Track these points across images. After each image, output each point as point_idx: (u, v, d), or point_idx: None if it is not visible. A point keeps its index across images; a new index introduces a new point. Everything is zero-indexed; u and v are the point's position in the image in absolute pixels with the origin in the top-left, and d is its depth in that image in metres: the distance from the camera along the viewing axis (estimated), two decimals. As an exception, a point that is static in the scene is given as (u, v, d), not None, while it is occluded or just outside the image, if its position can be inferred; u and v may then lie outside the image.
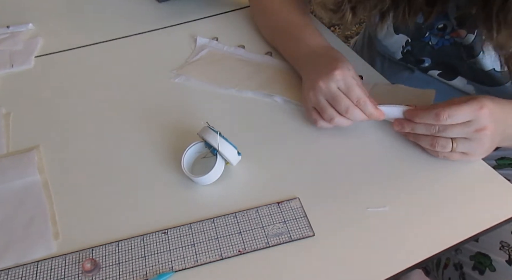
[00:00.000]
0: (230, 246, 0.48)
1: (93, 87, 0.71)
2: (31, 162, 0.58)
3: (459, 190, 0.53)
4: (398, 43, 0.72)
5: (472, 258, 0.62)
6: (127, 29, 0.83)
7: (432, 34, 0.67)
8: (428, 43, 0.68)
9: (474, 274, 0.61)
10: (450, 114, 0.50)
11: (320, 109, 0.57)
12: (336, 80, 0.55)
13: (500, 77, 0.64)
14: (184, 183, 0.55)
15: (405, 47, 0.71)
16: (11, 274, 0.47)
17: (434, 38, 0.67)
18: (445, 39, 0.66)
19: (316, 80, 0.57)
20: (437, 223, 0.50)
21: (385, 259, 0.47)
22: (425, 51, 0.69)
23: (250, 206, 0.52)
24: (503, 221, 0.50)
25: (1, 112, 0.67)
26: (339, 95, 0.55)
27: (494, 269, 0.59)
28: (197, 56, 0.74)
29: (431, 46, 0.68)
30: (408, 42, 0.70)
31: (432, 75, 0.73)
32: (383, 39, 0.73)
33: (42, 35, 0.83)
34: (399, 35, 0.70)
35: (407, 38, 0.70)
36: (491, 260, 0.60)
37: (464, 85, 0.70)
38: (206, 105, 0.66)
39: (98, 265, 0.47)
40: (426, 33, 0.67)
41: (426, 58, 0.70)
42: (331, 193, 0.53)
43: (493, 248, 0.61)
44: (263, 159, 0.58)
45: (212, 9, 0.87)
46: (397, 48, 0.73)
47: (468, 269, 0.62)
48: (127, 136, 0.62)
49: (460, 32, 0.64)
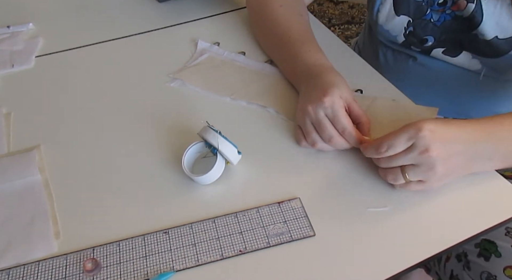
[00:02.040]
0: (231, 246, 0.48)
1: (93, 87, 0.71)
2: (31, 162, 0.58)
3: (459, 190, 0.53)
4: (400, 25, 0.72)
5: (477, 245, 0.62)
6: (127, 29, 0.83)
7: (433, 10, 0.68)
8: (430, 20, 0.69)
9: (479, 261, 0.61)
10: (389, 144, 0.49)
11: (305, 132, 0.57)
12: (324, 108, 0.55)
13: (504, 45, 0.65)
14: (185, 183, 0.55)
15: (407, 29, 0.72)
16: (12, 274, 0.47)
17: (436, 14, 0.68)
18: (446, 14, 0.67)
19: (306, 103, 0.57)
20: (437, 223, 0.50)
21: (386, 258, 0.47)
22: (428, 29, 0.70)
23: (251, 206, 0.52)
24: (503, 221, 0.50)
25: (2, 112, 0.67)
26: (325, 123, 0.55)
27: (500, 255, 0.59)
28: (196, 61, 0.73)
29: (433, 23, 0.69)
30: (410, 22, 0.71)
31: (436, 55, 0.73)
32: (384, 23, 0.74)
33: (42, 35, 0.83)
34: (400, 17, 0.71)
35: (408, 19, 0.71)
36: (496, 246, 0.60)
37: (469, 60, 0.71)
38: (206, 105, 0.66)
39: (99, 265, 0.47)
40: (427, 11, 0.68)
41: (429, 36, 0.71)
42: (332, 193, 0.53)
43: (499, 234, 0.61)
44: (263, 158, 0.58)
45: (213, 9, 0.87)
46: (399, 31, 0.73)
47: (473, 256, 0.62)
48: (127, 136, 0.62)
49: (460, 3, 0.64)
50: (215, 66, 0.72)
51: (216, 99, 0.67)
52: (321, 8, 2.25)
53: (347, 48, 0.76)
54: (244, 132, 0.61)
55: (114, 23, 0.85)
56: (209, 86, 0.69)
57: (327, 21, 2.16)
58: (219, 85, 0.69)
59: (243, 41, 0.78)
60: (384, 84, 0.68)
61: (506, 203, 0.52)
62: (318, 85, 0.58)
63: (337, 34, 2.06)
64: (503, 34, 0.64)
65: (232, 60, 0.73)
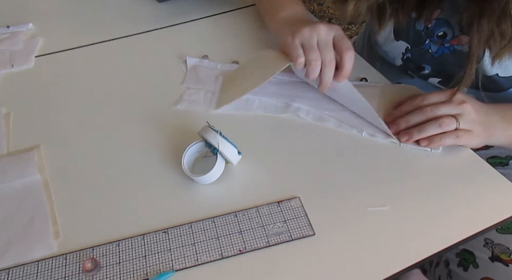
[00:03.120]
0: (231, 245, 0.48)
1: (93, 87, 0.71)
2: (31, 162, 0.58)
3: (458, 189, 0.53)
4: (398, 49, 0.71)
5: (458, 255, 0.63)
6: (127, 29, 0.83)
7: (432, 41, 0.66)
8: (428, 50, 0.68)
9: (459, 271, 0.61)
10: (423, 98, 0.57)
11: (295, 53, 0.57)
12: (318, 34, 0.56)
13: (504, 82, 0.64)
14: (185, 182, 0.55)
15: (405, 54, 0.71)
16: (12, 274, 0.47)
17: (434, 46, 0.67)
18: (445, 47, 0.66)
19: (300, 27, 0.57)
20: (436, 223, 0.50)
21: (385, 258, 0.47)
22: (425, 59, 0.69)
23: (251, 206, 0.52)
24: (503, 220, 0.50)
25: (1, 112, 0.67)
26: (314, 47, 0.56)
27: (478, 266, 0.60)
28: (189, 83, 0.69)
29: (431, 54, 0.68)
30: (408, 49, 0.70)
31: (432, 83, 0.72)
32: (383, 44, 0.73)
33: (42, 35, 0.83)
34: (399, 42, 0.70)
35: (407, 45, 0.70)
36: (475, 256, 0.61)
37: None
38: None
39: (99, 265, 0.47)
40: (426, 41, 0.67)
41: (426, 65, 0.70)
42: (332, 192, 0.53)
43: (478, 245, 0.61)
44: (263, 158, 0.58)
45: (213, 8, 0.87)
46: (397, 54, 0.72)
47: (454, 266, 0.63)
48: (127, 136, 0.62)
49: (461, 38, 0.63)
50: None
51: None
52: (321, 8, 2.25)
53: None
54: (244, 132, 0.61)
55: (114, 23, 0.85)
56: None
57: (327, 21, 2.16)
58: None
59: (242, 41, 0.78)
60: (383, 83, 0.68)
61: (505, 202, 0.52)
62: (308, 21, 0.60)
63: (337, 34, 2.05)
64: (504, 72, 0.62)
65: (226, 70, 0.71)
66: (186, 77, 0.71)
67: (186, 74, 0.71)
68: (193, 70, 0.72)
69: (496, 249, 0.60)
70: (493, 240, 0.61)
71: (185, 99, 0.67)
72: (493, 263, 0.59)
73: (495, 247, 0.60)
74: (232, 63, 0.72)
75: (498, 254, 0.59)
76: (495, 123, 0.57)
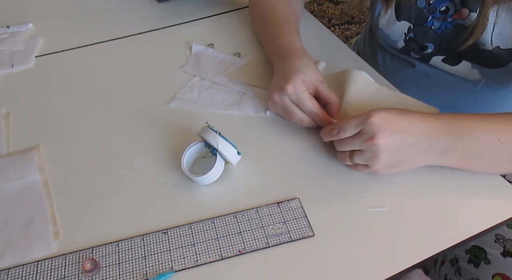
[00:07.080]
0: (230, 246, 0.48)
1: (93, 87, 0.71)
2: (31, 162, 0.58)
3: (458, 190, 0.53)
4: (400, 30, 0.72)
5: (468, 251, 0.62)
6: (127, 29, 0.83)
7: (435, 18, 0.67)
8: (430, 27, 0.68)
9: (469, 268, 0.61)
10: (340, 128, 0.51)
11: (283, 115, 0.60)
12: (288, 95, 0.57)
13: (505, 56, 0.64)
14: (184, 183, 0.55)
15: (408, 34, 0.71)
16: (11, 274, 0.47)
17: (437, 22, 0.67)
18: (447, 22, 0.66)
19: (272, 91, 0.59)
20: (437, 223, 0.50)
21: (385, 259, 0.47)
22: (428, 36, 0.69)
23: (250, 206, 0.52)
24: (502, 221, 0.50)
25: (1, 112, 0.67)
26: (292, 109, 0.58)
27: (489, 262, 0.59)
28: (186, 88, 0.69)
29: (434, 31, 0.68)
30: (411, 28, 0.70)
31: (435, 64, 0.72)
32: (385, 27, 0.73)
33: (42, 35, 0.83)
34: (401, 22, 0.71)
35: (409, 25, 0.70)
36: (486, 252, 0.60)
37: (469, 70, 0.70)
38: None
39: (98, 265, 0.47)
40: (428, 18, 0.67)
41: (429, 43, 0.70)
42: (331, 193, 0.53)
43: (488, 241, 0.61)
44: (263, 158, 0.58)
45: (213, 9, 0.87)
46: (400, 36, 0.73)
47: (463, 262, 0.62)
48: (127, 136, 0.62)
49: (462, 12, 0.64)
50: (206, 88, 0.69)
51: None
52: (321, 8, 2.25)
53: (346, 48, 0.76)
54: (243, 133, 0.61)
55: (114, 23, 0.85)
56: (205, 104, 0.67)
57: (327, 21, 2.16)
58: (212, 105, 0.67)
59: (240, 42, 0.78)
60: (383, 84, 0.67)
61: (505, 203, 0.52)
62: (284, 71, 0.60)
63: (337, 34, 2.06)
64: (505, 44, 0.63)
65: (222, 84, 0.70)
66: (187, 62, 0.73)
67: (188, 59, 0.74)
68: (195, 56, 0.75)
69: (508, 245, 0.60)
70: (504, 235, 0.61)
71: (178, 98, 0.67)
72: (505, 259, 0.58)
73: (506, 242, 0.60)
74: (234, 55, 0.74)
75: (510, 250, 0.59)
76: (430, 148, 0.50)
